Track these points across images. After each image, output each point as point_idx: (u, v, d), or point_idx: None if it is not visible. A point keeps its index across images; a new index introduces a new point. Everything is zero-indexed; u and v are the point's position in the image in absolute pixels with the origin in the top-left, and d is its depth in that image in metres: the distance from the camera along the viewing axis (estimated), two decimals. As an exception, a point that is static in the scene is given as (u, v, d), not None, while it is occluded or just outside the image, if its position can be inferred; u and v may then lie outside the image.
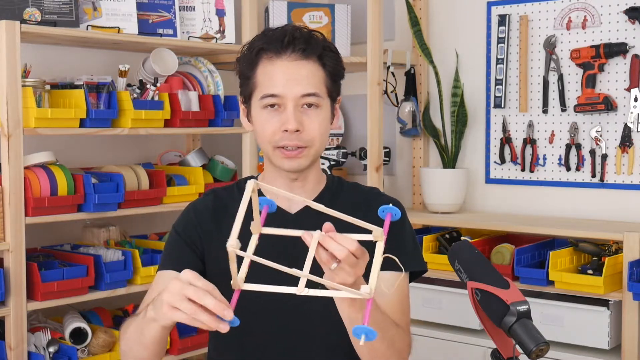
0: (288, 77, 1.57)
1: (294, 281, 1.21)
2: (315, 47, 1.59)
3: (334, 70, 1.64)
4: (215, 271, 1.65)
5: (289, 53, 1.58)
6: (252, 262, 1.24)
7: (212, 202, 1.71)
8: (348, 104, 3.57)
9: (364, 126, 3.15)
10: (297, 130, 1.57)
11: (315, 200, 1.67)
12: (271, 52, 1.58)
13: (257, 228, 1.31)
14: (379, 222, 1.63)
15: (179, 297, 1.24)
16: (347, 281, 1.28)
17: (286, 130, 1.57)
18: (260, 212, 1.32)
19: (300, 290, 1.21)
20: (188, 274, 1.27)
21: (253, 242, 1.28)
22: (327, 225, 1.26)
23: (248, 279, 1.27)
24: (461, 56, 3.29)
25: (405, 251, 1.68)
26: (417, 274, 1.74)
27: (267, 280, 1.25)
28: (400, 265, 1.33)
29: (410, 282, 1.73)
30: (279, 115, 1.58)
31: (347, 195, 1.72)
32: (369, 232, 1.27)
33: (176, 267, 1.64)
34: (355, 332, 1.17)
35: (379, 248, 1.26)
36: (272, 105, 1.58)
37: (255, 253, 1.24)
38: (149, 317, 1.37)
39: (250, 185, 1.25)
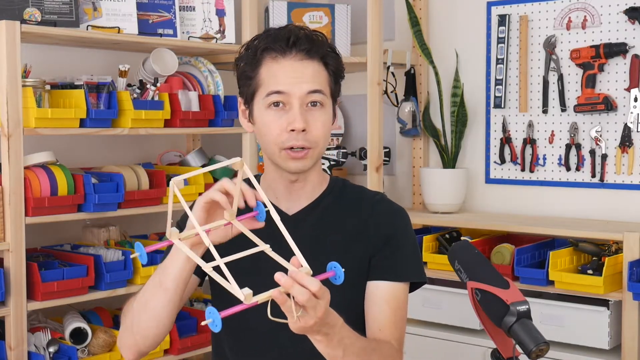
0: (294, 75, 1.57)
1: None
2: (319, 47, 1.59)
3: (336, 70, 1.64)
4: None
5: (294, 53, 1.57)
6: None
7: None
8: (348, 104, 3.57)
9: (364, 126, 3.15)
10: (303, 130, 1.56)
11: (314, 203, 1.67)
12: (275, 52, 1.57)
13: (231, 216, 1.40)
14: (375, 228, 1.64)
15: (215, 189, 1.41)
16: (308, 323, 1.29)
17: (292, 130, 1.55)
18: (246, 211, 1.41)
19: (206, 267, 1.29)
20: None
21: (215, 223, 1.40)
22: (294, 260, 1.30)
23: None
24: (461, 56, 3.29)
25: (404, 260, 1.66)
26: (416, 285, 1.71)
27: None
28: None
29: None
30: (285, 114, 1.56)
31: (348, 201, 1.69)
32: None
33: None
34: None
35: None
36: (276, 104, 1.57)
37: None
38: (165, 264, 1.49)
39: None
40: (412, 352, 2.72)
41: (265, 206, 1.39)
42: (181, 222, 1.70)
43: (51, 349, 2.56)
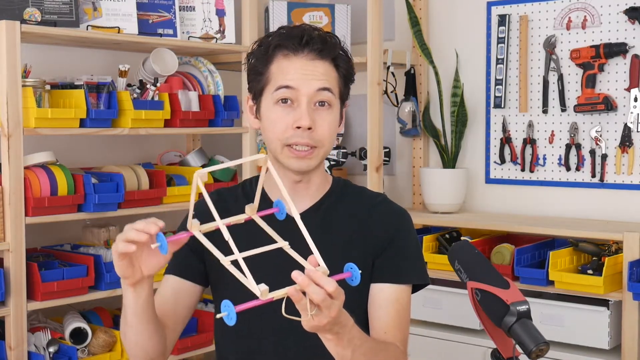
0: (304, 72, 1.57)
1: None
2: (331, 48, 1.59)
3: (347, 73, 1.64)
4: (216, 272, 1.65)
5: (306, 52, 1.57)
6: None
7: (215, 204, 1.70)
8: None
9: (364, 126, 3.15)
10: (309, 128, 1.56)
11: (317, 204, 1.67)
12: (287, 49, 1.58)
13: (252, 211, 1.40)
14: (377, 229, 1.64)
15: (120, 238, 1.40)
16: (322, 322, 1.29)
17: (299, 127, 1.55)
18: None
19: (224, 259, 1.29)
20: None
21: (236, 218, 1.39)
22: (312, 259, 1.30)
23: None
24: (461, 56, 3.29)
25: (407, 262, 1.66)
26: (419, 286, 1.72)
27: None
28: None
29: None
30: (292, 111, 1.56)
31: (350, 202, 1.69)
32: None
33: (177, 272, 1.68)
34: None
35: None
36: (284, 101, 1.57)
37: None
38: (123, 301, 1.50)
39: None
40: (413, 352, 2.71)
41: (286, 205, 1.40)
42: (185, 221, 1.70)
43: (51, 349, 2.56)
